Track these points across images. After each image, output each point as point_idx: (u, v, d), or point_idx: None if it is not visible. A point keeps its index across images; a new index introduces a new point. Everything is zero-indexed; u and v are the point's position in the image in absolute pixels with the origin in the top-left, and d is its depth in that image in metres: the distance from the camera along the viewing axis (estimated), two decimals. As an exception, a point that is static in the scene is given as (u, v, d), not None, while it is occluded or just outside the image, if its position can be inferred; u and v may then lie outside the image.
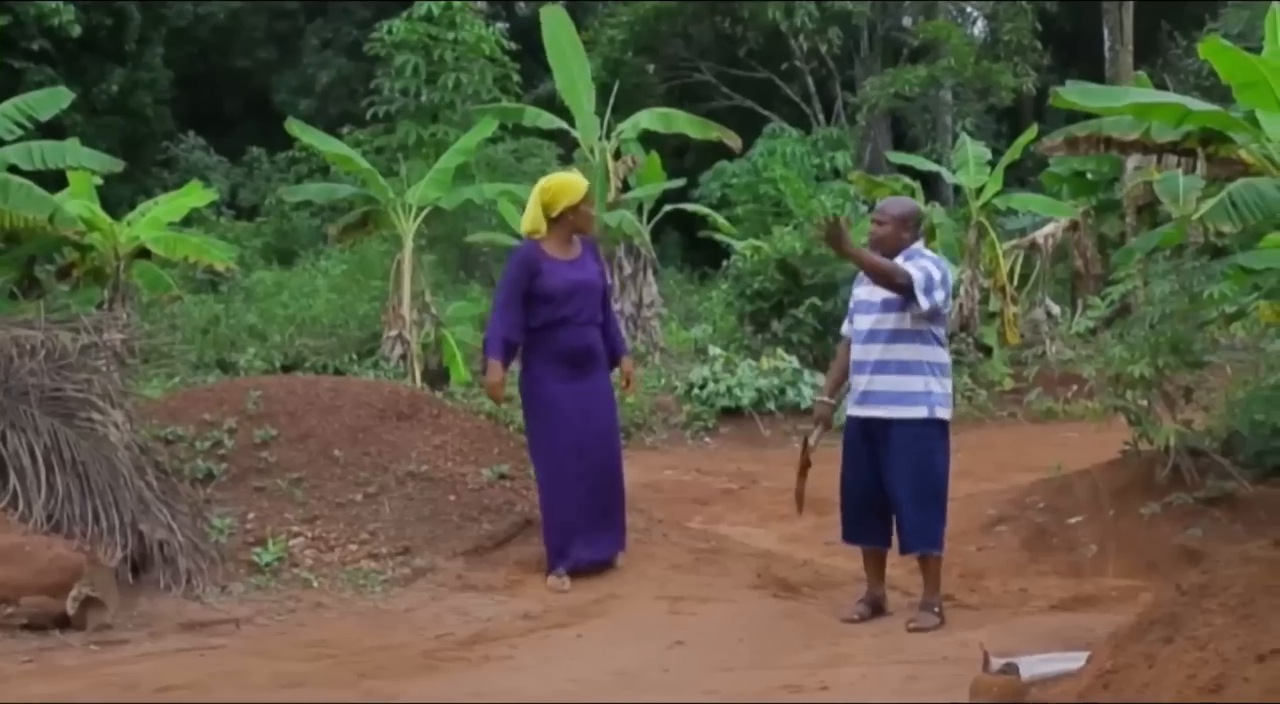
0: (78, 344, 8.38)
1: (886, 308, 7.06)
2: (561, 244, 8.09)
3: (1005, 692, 5.29)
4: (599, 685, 6.17)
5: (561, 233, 8.06)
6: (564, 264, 8.02)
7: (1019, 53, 30.65)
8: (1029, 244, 19.74)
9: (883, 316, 7.07)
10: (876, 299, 7.10)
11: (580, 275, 8.05)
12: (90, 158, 15.13)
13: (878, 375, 7.04)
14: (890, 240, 7.13)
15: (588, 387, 8.08)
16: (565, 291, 7.96)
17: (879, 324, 7.08)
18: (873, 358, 7.07)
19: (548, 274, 7.95)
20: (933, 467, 7.09)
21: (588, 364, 8.09)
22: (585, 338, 8.08)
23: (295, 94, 32.70)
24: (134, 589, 7.59)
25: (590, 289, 8.08)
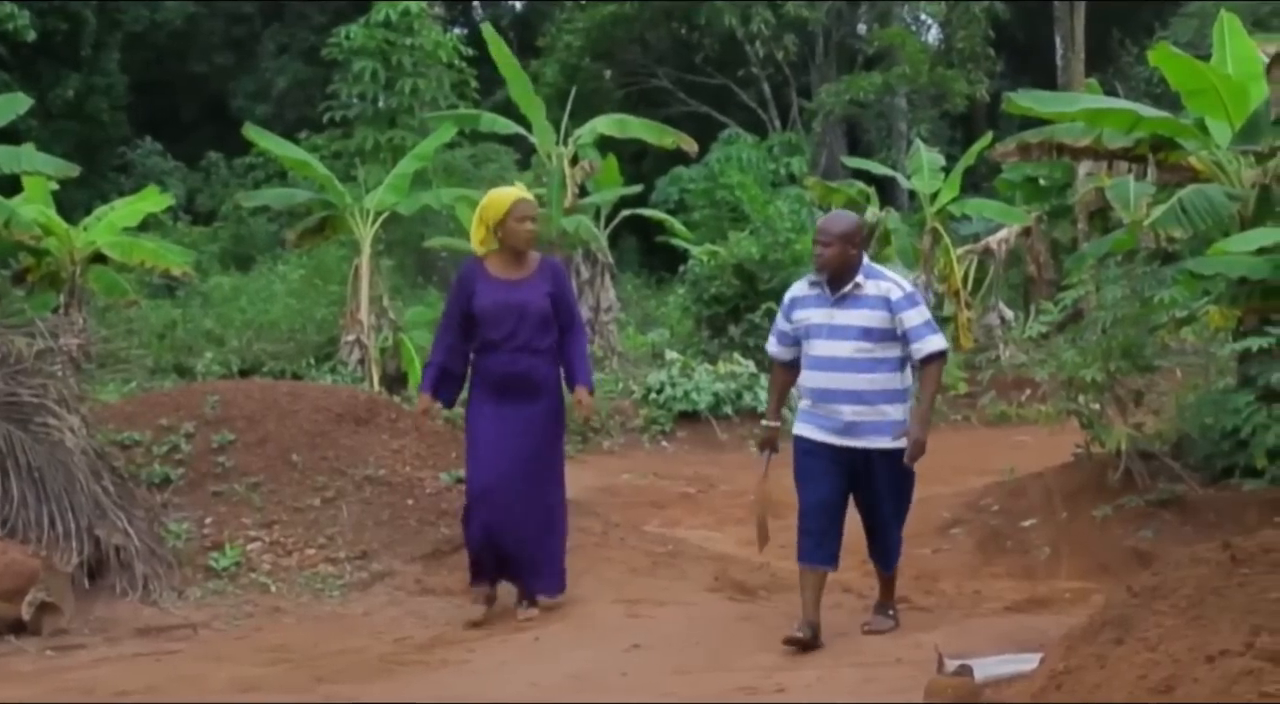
0: (33, 349, 8.35)
1: (868, 336, 6.75)
2: (505, 263, 7.60)
3: (959, 693, 5.34)
4: (556, 689, 6.20)
5: (502, 251, 7.60)
6: (501, 284, 7.51)
7: (972, 60, 30.86)
8: (983, 249, 19.87)
9: (862, 344, 6.74)
10: (852, 325, 6.76)
11: (513, 297, 7.47)
12: (46, 163, 15.02)
13: (863, 406, 6.75)
14: (837, 260, 6.77)
15: (515, 418, 7.44)
16: (493, 314, 7.46)
17: (859, 352, 6.74)
18: (855, 387, 6.75)
19: (479, 294, 7.51)
20: (911, 491, 7.09)
21: (520, 394, 7.45)
22: (516, 365, 7.46)
23: (252, 99, 32.57)
24: (90, 594, 7.57)
25: (525, 313, 7.45)
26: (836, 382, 6.79)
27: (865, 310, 6.76)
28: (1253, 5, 23.51)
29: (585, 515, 9.66)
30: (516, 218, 7.54)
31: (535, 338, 7.48)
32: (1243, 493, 8.68)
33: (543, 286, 7.57)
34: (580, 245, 19.28)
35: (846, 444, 6.82)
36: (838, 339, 6.78)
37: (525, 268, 7.61)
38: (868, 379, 6.73)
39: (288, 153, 18.04)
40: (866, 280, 6.79)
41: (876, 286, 6.77)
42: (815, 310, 6.88)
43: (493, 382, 7.50)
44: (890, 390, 6.78)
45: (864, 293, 6.78)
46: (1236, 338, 9.28)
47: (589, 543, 8.99)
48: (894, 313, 6.73)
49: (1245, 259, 8.52)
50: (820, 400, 6.84)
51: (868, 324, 6.73)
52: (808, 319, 6.90)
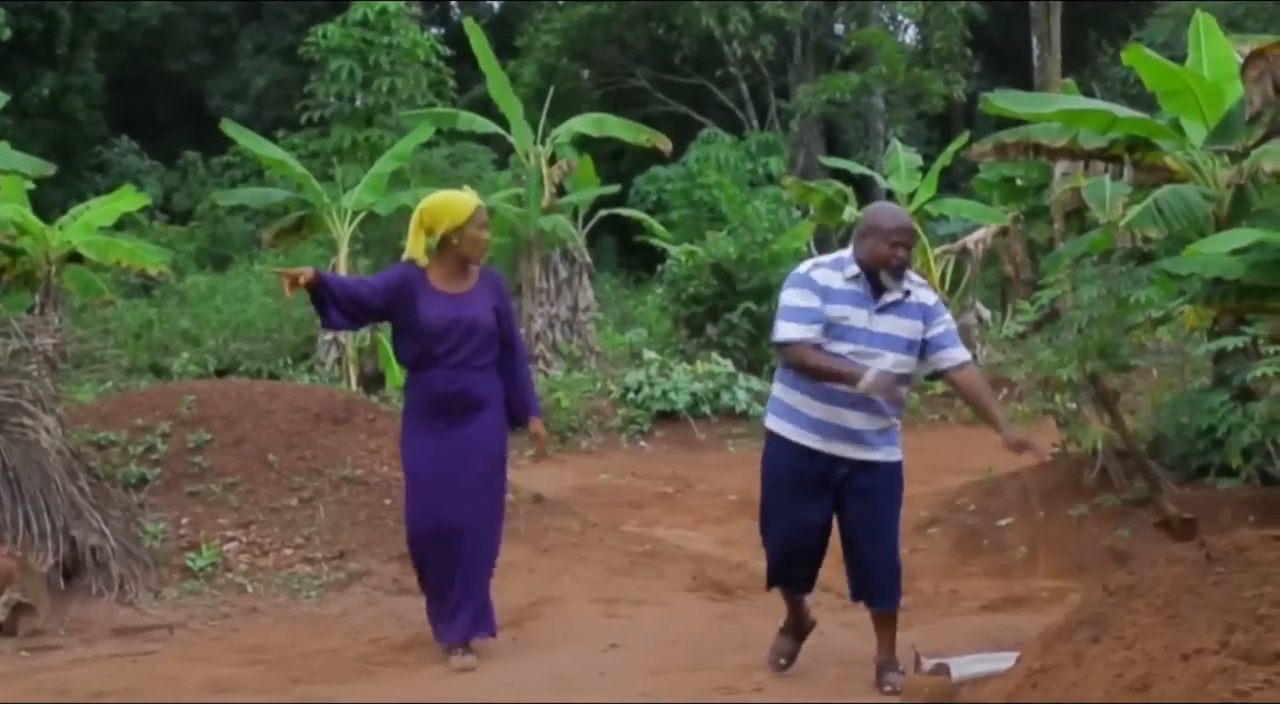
0: (8, 349, 8.30)
1: (911, 349, 6.03)
2: (448, 274, 6.84)
3: (936, 692, 5.37)
4: (534, 688, 6.19)
5: (446, 261, 6.82)
6: (446, 298, 6.77)
7: (949, 60, 30.94)
8: (960, 249, 19.93)
9: (903, 358, 6.00)
10: (899, 336, 6.00)
11: (460, 312, 6.75)
12: (21, 161, 14.95)
13: (878, 417, 6.00)
14: (903, 264, 6.04)
15: (459, 438, 6.77)
16: (440, 330, 6.70)
17: (899, 367, 5.97)
18: (884, 398, 5.96)
19: (423, 306, 6.74)
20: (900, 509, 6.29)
21: (464, 412, 6.77)
22: (460, 381, 6.75)
23: (229, 98, 32.48)
24: (66, 595, 7.54)
25: (471, 328, 6.75)
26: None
27: (913, 321, 6.03)
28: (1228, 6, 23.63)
29: (563, 515, 9.68)
30: (477, 225, 6.83)
31: (478, 355, 6.81)
32: (1218, 492, 8.73)
33: (488, 300, 6.89)
34: (558, 245, 19.29)
35: (848, 455, 6.01)
36: (880, 348, 5.94)
37: (468, 279, 6.89)
38: (901, 392, 6.08)
39: (265, 151, 18.02)
40: (914, 288, 6.09)
41: (916, 295, 6.07)
42: (854, 310, 5.99)
43: (431, 400, 6.77)
44: (902, 402, 6.16)
45: (909, 301, 6.05)
46: (1212, 338, 9.33)
47: (567, 543, 9.00)
48: (929, 319, 6.05)
49: (1220, 259, 8.55)
50: (835, 404, 5.96)
51: (913, 336, 6.02)
52: (844, 318, 5.98)
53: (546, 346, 19.06)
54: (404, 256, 6.89)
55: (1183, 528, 8.08)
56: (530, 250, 19.27)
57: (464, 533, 6.72)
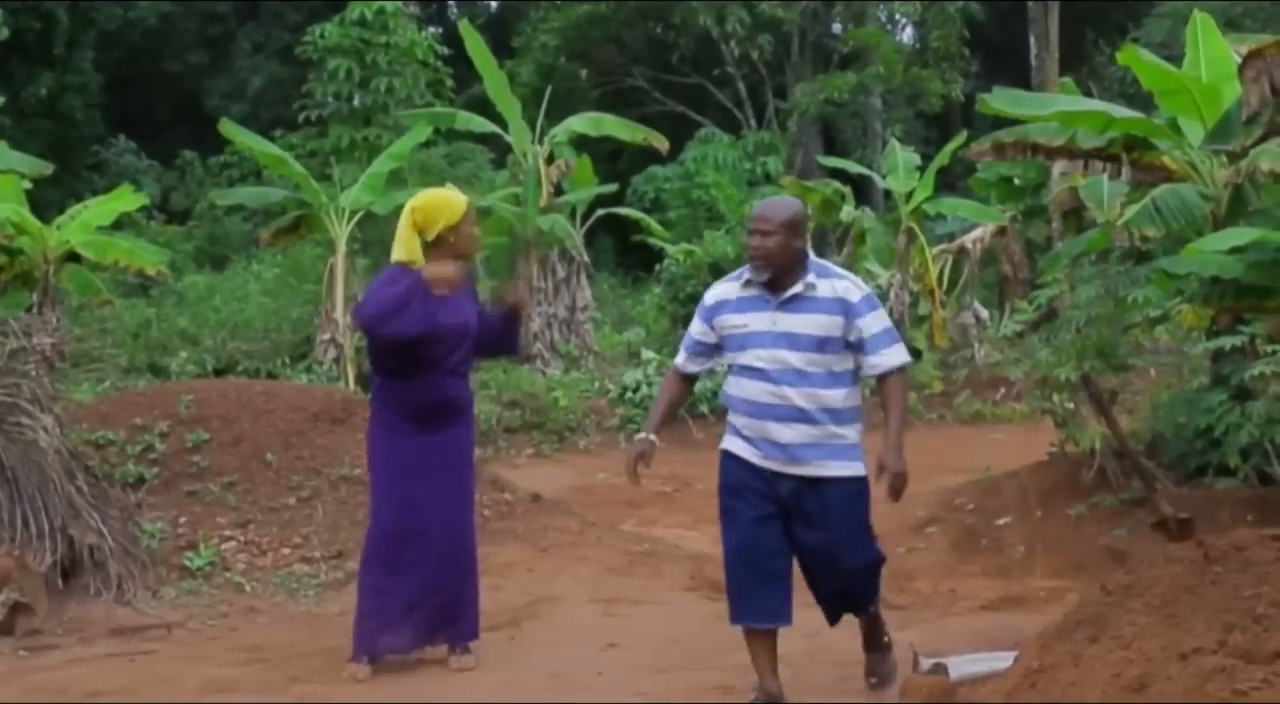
0: (6, 348, 8.31)
1: (825, 346, 5.61)
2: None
3: (934, 692, 5.37)
4: (532, 688, 6.20)
5: (441, 262, 6.55)
6: (440, 301, 6.51)
7: (947, 60, 30.93)
8: (958, 248, 19.94)
9: (815, 356, 5.59)
10: (805, 333, 5.62)
11: (451, 318, 6.52)
12: (19, 161, 14.97)
13: (809, 426, 5.61)
14: (780, 253, 5.60)
15: (439, 444, 6.57)
16: (431, 335, 6.46)
17: (813, 366, 5.58)
18: (802, 405, 5.59)
19: (424, 311, 6.46)
20: (870, 525, 5.90)
21: (444, 420, 6.57)
22: (447, 390, 6.58)
23: (227, 98, 32.45)
24: (64, 594, 7.55)
25: (464, 334, 6.59)
26: (780, 396, 5.61)
27: (820, 315, 5.61)
28: (1225, 5, 23.67)
29: (561, 515, 9.68)
30: (471, 222, 6.65)
31: (463, 361, 6.68)
32: (1216, 491, 8.73)
33: (471, 305, 6.70)
34: (556, 244, 19.30)
35: (786, 470, 5.65)
36: (786, 348, 5.61)
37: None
38: (819, 396, 5.60)
39: (263, 150, 18.02)
40: (819, 279, 5.66)
41: (831, 287, 5.65)
42: (754, 315, 5.69)
43: (417, 409, 6.52)
44: (846, 409, 5.68)
45: (817, 294, 5.64)
46: (1210, 337, 9.34)
47: (565, 542, 9.00)
48: (851, 318, 5.61)
49: (1218, 258, 8.56)
50: (757, 416, 5.67)
51: (824, 332, 5.60)
52: (744, 326, 5.70)
53: (544, 346, 19.06)
54: (397, 258, 6.52)
55: (1180, 528, 8.09)
56: (528, 250, 19.27)
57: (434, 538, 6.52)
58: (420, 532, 6.50)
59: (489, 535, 9.02)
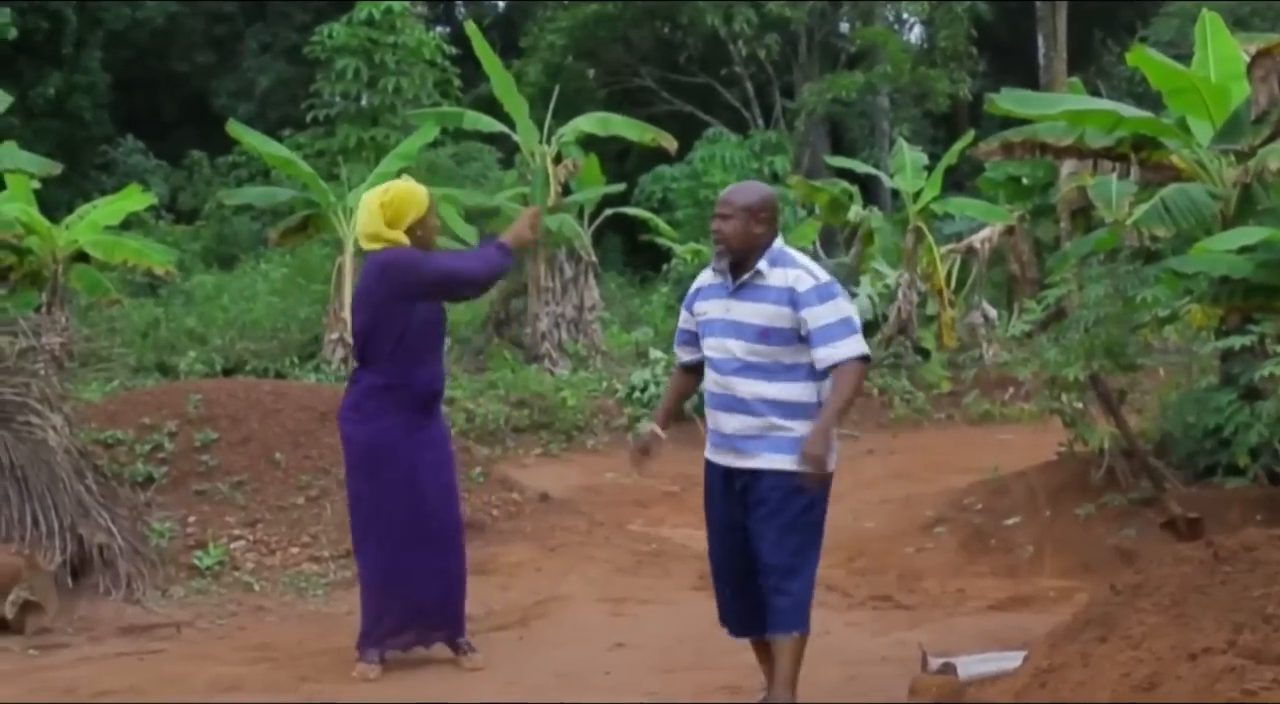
0: (15, 348, 8.33)
1: (767, 337, 5.42)
2: None
3: (943, 692, 5.36)
4: (540, 687, 6.20)
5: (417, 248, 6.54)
6: None
7: (955, 59, 30.91)
8: (966, 248, 19.91)
9: (758, 346, 5.42)
10: (748, 322, 5.45)
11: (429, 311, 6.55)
12: (28, 161, 14.97)
13: (750, 418, 5.42)
14: (737, 237, 5.46)
15: (431, 436, 6.59)
16: (428, 325, 6.50)
17: (755, 356, 5.42)
18: (742, 395, 5.43)
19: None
20: (815, 528, 5.55)
21: (431, 410, 6.60)
22: (441, 377, 6.67)
23: (235, 98, 32.48)
24: (73, 593, 7.56)
25: (442, 320, 6.67)
26: (723, 386, 5.49)
27: (766, 304, 5.43)
28: (1234, 4, 23.61)
29: (569, 514, 9.69)
30: (434, 213, 6.66)
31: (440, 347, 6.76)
32: (1225, 491, 8.72)
33: None
34: (564, 244, 19.30)
35: (734, 464, 5.51)
36: (732, 337, 5.47)
37: None
38: (761, 389, 5.40)
39: (271, 150, 18.03)
40: (772, 268, 5.46)
41: (783, 275, 5.43)
42: (714, 302, 5.60)
43: (419, 396, 6.51)
44: (793, 403, 5.41)
45: (766, 282, 5.45)
46: (1219, 336, 9.32)
47: (573, 542, 9.01)
48: (798, 308, 5.37)
49: (1227, 258, 8.55)
50: (710, 407, 5.58)
51: (767, 322, 5.41)
52: (705, 313, 5.63)
53: (552, 345, 19.05)
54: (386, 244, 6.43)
55: (1189, 527, 8.08)
56: (536, 250, 19.26)
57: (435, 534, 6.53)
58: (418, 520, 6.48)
59: (497, 534, 9.04)
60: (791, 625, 5.45)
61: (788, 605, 5.43)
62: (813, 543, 5.53)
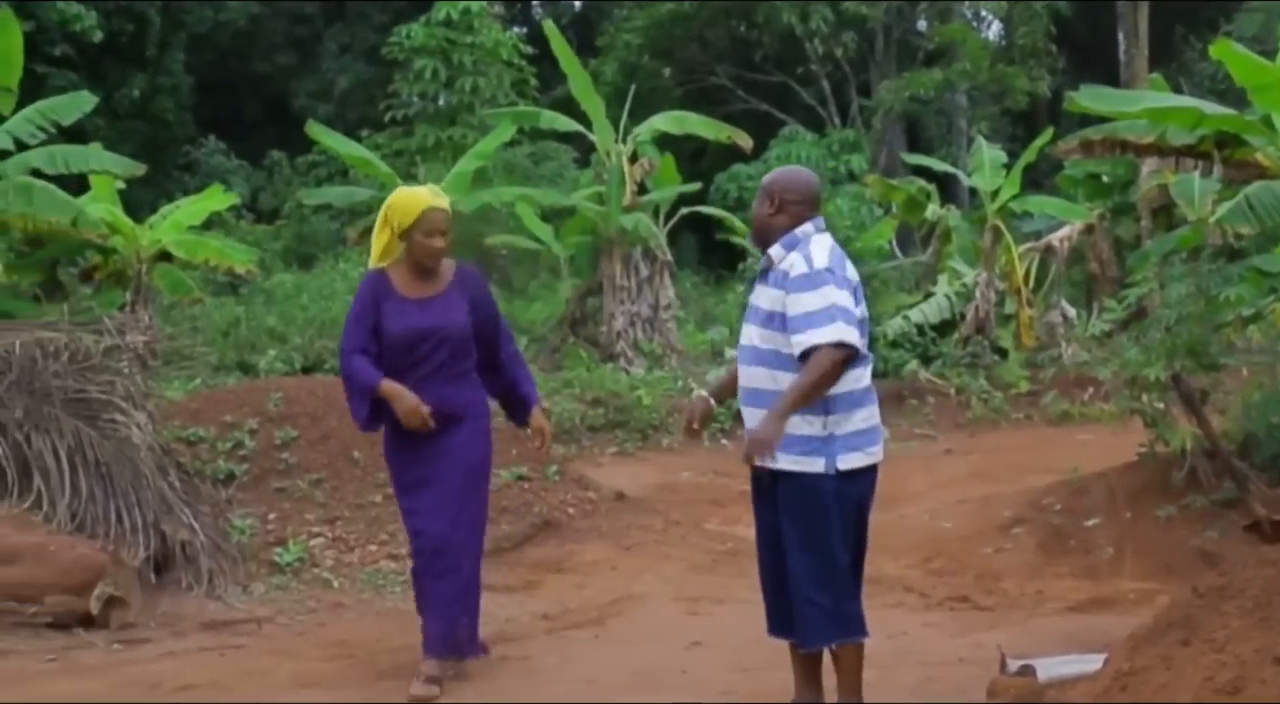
0: (100, 346, 8.45)
1: (770, 322, 5.26)
2: (415, 276, 6.28)
3: (1022, 693, 5.31)
4: (616, 686, 6.21)
5: (410, 262, 6.26)
6: (411, 305, 6.22)
7: (1034, 56, 30.63)
8: (1044, 247, 19.73)
9: (763, 332, 5.29)
10: (759, 307, 5.34)
11: (427, 321, 6.18)
12: (112, 162, 15.24)
13: (763, 411, 5.18)
14: (755, 219, 5.47)
15: (437, 448, 6.20)
16: (405, 342, 6.16)
17: (763, 342, 5.27)
18: (757, 385, 5.31)
19: (388, 317, 6.20)
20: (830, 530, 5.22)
21: (438, 424, 6.15)
22: (430, 396, 6.11)
23: (314, 98, 32.81)
24: (156, 589, 7.66)
25: (442, 339, 6.18)
26: (744, 378, 5.38)
27: (771, 288, 5.28)
28: (1320, -1, 23.25)
29: (645, 513, 9.70)
30: (425, 231, 6.17)
31: (451, 363, 6.24)
32: (1310, 493, 8.58)
33: (461, 302, 6.28)
34: (639, 243, 19.33)
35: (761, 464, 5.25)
36: (749, 324, 5.38)
37: (438, 281, 6.30)
38: (771, 377, 5.22)
39: (349, 151, 18.20)
40: (786, 254, 5.29)
41: (788, 261, 5.26)
42: (753, 289, 5.55)
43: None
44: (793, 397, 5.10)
45: (775, 268, 5.31)
46: (1304, 336, 9.20)
47: (649, 541, 9.02)
48: (786, 293, 5.19)
49: (1313, 256, 8.44)
50: (740, 404, 5.46)
51: (771, 307, 5.25)
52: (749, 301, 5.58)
53: (628, 345, 19.09)
54: (370, 261, 6.39)
55: (1274, 529, 7.96)
56: (611, 249, 19.31)
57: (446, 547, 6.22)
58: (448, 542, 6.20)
59: (573, 533, 9.07)
60: (827, 638, 5.29)
61: (819, 616, 5.23)
62: (839, 546, 5.25)
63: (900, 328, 18.23)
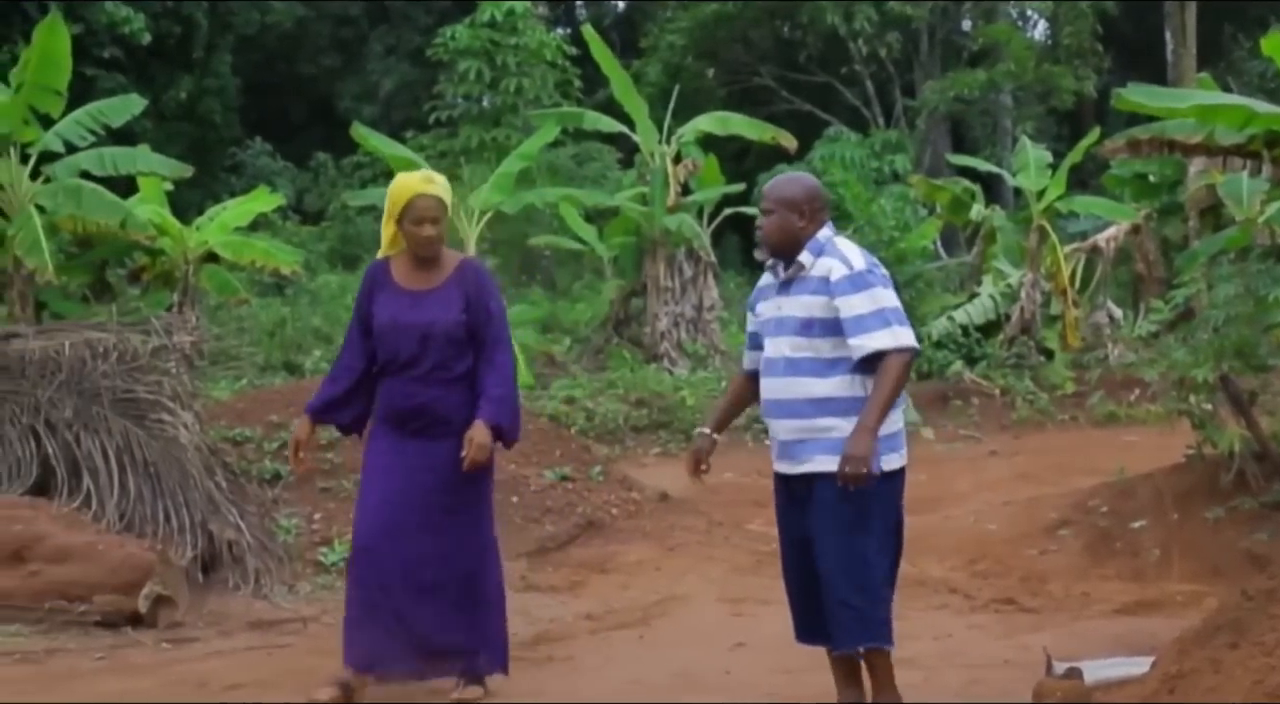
0: (148, 347, 8.51)
1: (809, 329, 5.20)
2: (414, 267, 5.97)
3: (1069, 695, 5.28)
4: (660, 686, 6.21)
5: (409, 252, 5.98)
6: (404, 296, 5.90)
7: (1079, 56, 30.47)
8: (1090, 247, 19.62)
9: (799, 341, 5.21)
10: (792, 316, 5.25)
11: (416, 315, 5.84)
12: (160, 163, 15.36)
13: (799, 421, 5.20)
14: (777, 232, 5.29)
15: (418, 457, 5.84)
16: (391, 334, 5.85)
17: (798, 351, 5.21)
18: (790, 396, 5.23)
19: (379, 306, 5.93)
20: (871, 532, 5.21)
21: (425, 430, 5.84)
22: (417, 396, 5.84)
23: (359, 100, 32.96)
24: (204, 588, 7.70)
25: (430, 334, 5.81)
26: (773, 390, 5.31)
27: (806, 296, 5.23)
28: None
29: (689, 514, 9.70)
30: (413, 219, 5.87)
31: (444, 364, 5.85)
32: (1360, 496, 8.51)
33: (456, 299, 5.89)
34: (683, 244, 19.34)
35: (791, 471, 5.29)
36: (782, 334, 5.28)
37: (437, 274, 5.95)
38: (808, 386, 5.18)
39: (394, 152, 18.26)
40: (815, 259, 5.25)
41: (822, 265, 5.22)
42: (768, 302, 5.42)
43: (392, 413, 5.92)
44: (839, 399, 5.15)
45: (809, 273, 5.25)
46: (1354, 337, 9.11)
47: (692, 542, 9.02)
48: (833, 297, 5.15)
49: (1363, 257, 8.36)
50: (765, 414, 5.40)
51: (808, 314, 5.20)
52: (762, 316, 5.45)
53: (671, 345, 19.11)
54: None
55: (1323, 532, 7.90)
56: (655, 249, 19.33)
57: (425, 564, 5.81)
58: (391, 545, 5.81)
59: (617, 533, 9.08)
60: (857, 640, 5.25)
61: (852, 619, 5.18)
62: (877, 549, 5.21)
63: (945, 328, 18.18)
